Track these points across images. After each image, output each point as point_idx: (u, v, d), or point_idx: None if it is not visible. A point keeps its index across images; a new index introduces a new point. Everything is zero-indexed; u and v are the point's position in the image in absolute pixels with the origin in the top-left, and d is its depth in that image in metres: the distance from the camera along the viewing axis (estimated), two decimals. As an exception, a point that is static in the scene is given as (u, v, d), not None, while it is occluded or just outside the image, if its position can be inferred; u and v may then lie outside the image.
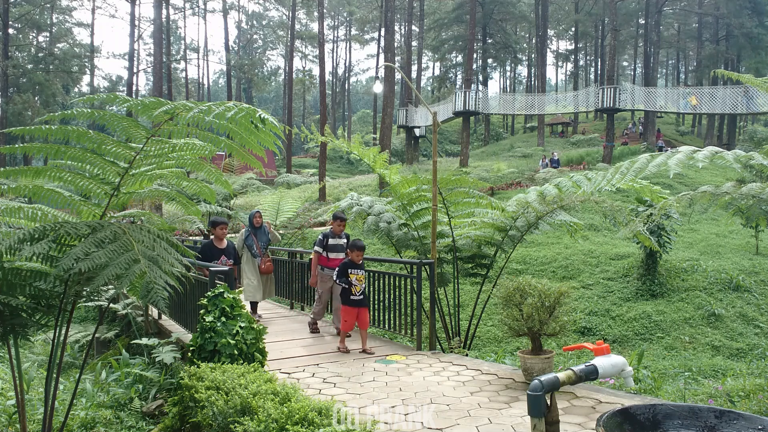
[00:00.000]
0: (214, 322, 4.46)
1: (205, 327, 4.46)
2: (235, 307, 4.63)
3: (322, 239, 6.95)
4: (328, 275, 6.86)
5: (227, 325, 4.47)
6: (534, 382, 2.50)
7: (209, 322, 4.46)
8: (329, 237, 6.96)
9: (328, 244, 6.92)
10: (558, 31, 59.92)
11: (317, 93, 48.67)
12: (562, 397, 4.32)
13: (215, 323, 4.45)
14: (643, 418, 1.80)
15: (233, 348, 4.34)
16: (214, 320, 4.47)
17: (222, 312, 4.55)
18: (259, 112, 3.33)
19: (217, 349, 4.37)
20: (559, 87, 71.18)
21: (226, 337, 4.38)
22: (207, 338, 4.40)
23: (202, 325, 4.49)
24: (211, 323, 4.44)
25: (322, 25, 31.60)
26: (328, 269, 6.91)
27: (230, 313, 4.58)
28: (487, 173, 27.06)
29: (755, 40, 38.21)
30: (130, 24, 37.70)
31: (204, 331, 4.45)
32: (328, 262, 6.93)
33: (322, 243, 6.94)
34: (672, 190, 14.55)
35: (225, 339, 4.36)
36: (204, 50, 66.07)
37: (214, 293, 4.70)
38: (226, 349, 4.33)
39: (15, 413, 4.68)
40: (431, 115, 7.00)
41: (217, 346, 4.35)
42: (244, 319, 4.58)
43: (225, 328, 4.44)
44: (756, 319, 12.12)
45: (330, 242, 6.94)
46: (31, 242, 3.15)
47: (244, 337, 4.47)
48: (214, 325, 4.44)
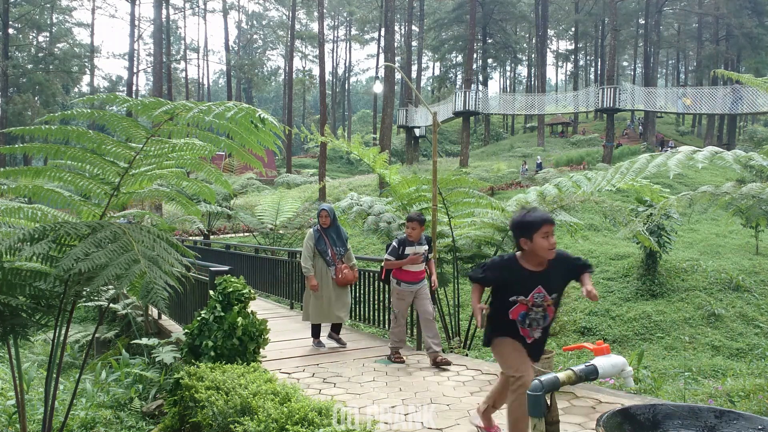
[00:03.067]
0: (216, 329, 4.40)
1: (203, 331, 4.43)
2: (232, 311, 4.50)
3: (398, 246, 5.66)
4: (407, 291, 5.72)
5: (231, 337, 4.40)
6: (534, 382, 2.50)
7: (202, 317, 4.45)
8: (405, 244, 5.65)
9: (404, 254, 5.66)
10: (558, 31, 59.93)
11: (317, 93, 48.66)
12: (562, 397, 4.32)
13: (214, 330, 4.40)
14: (643, 418, 1.80)
15: (211, 350, 4.32)
16: (214, 329, 4.41)
17: (224, 310, 4.47)
18: (258, 112, 3.33)
19: (199, 346, 4.38)
20: (559, 87, 71.17)
21: (225, 349, 4.35)
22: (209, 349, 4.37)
23: (200, 330, 4.45)
24: (210, 331, 4.40)
25: (322, 25, 31.60)
26: (405, 283, 5.72)
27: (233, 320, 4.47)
28: (487, 173, 27.09)
29: (755, 40, 38.23)
30: (130, 24, 37.72)
31: (202, 325, 4.45)
32: (403, 275, 5.74)
33: (396, 251, 5.65)
34: (672, 190, 14.55)
35: (207, 341, 4.35)
36: (204, 50, 66.20)
37: (221, 286, 4.59)
38: (207, 351, 4.32)
39: (15, 413, 4.68)
40: (431, 115, 6.99)
41: (219, 359, 4.33)
42: (227, 323, 4.44)
43: (227, 340, 4.38)
44: (756, 319, 12.12)
45: (407, 250, 5.67)
46: (31, 242, 3.15)
47: (225, 343, 4.39)
48: (211, 332, 4.40)
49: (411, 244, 5.65)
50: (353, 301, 7.44)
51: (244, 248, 14.26)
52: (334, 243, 6.44)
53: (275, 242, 16.94)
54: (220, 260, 11.28)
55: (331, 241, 6.43)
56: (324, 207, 6.55)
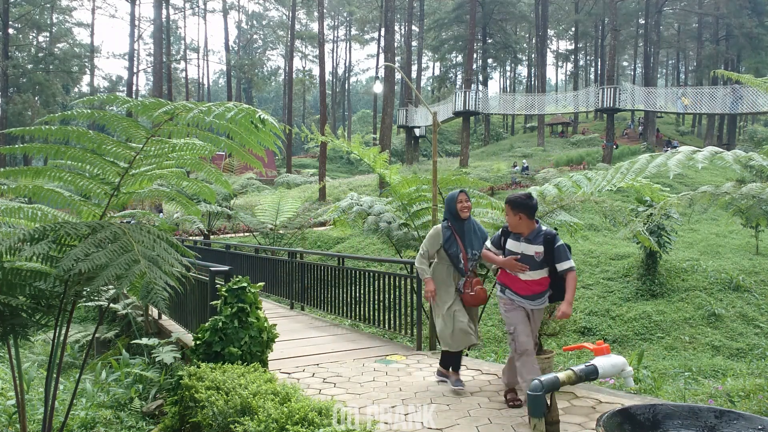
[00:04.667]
0: (227, 323, 4.30)
1: (217, 325, 4.30)
2: (252, 311, 4.44)
3: (500, 235, 4.16)
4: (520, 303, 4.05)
5: (238, 331, 4.29)
6: (534, 382, 2.50)
7: (222, 322, 4.30)
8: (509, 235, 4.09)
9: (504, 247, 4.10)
10: (558, 31, 59.95)
11: (317, 93, 48.69)
12: (562, 397, 4.32)
13: (227, 325, 4.29)
14: (643, 418, 1.81)
15: (237, 358, 4.23)
16: (227, 321, 4.30)
17: (240, 311, 4.37)
18: (259, 113, 3.33)
19: (221, 352, 4.26)
20: (559, 87, 71.17)
21: (234, 344, 4.25)
22: (215, 340, 4.26)
23: (216, 321, 4.32)
24: (224, 324, 4.29)
25: (322, 25, 31.62)
26: (512, 294, 4.07)
27: (245, 318, 4.37)
28: (487, 173, 27.10)
29: (755, 40, 38.25)
30: (130, 24, 37.73)
31: (215, 330, 4.29)
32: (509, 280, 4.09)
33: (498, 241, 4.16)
34: (672, 190, 14.55)
35: (231, 347, 4.23)
36: (204, 50, 66.14)
37: (236, 285, 4.46)
38: (230, 357, 4.23)
39: (15, 413, 4.68)
40: (431, 115, 6.99)
41: (224, 350, 4.25)
42: (255, 329, 4.39)
43: (235, 334, 4.28)
44: (756, 319, 12.12)
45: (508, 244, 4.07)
46: (32, 242, 3.15)
47: (251, 348, 4.32)
48: (226, 327, 4.29)
49: (516, 238, 4.01)
50: (353, 300, 7.43)
51: (244, 248, 14.25)
52: (471, 244, 4.58)
53: (275, 242, 16.95)
54: (220, 260, 11.28)
55: (466, 242, 4.57)
56: (464, 189, 4.73)
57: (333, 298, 7.94)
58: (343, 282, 7.67)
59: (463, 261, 4.55)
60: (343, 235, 19.21)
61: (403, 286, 6.61)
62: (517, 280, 4.04)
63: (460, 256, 4.55)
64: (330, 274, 8.18)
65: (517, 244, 4.00)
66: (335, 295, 7.90)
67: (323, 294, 8.29)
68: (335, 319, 8.23)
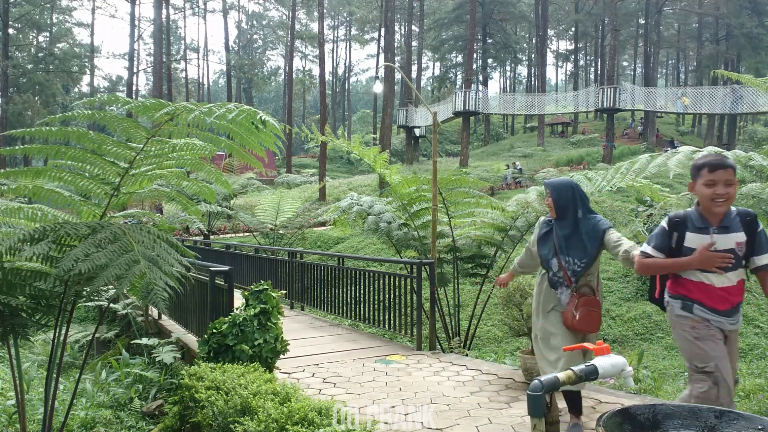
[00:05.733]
0: (247, 320, 4.28)
1: (237, 320, 4.29)
2: (273, 314, 4.43)
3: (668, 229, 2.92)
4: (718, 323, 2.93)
5: (255, 331, 4.28)
6: (534, 382, 2.50)
7: (243, 318, 4.29)
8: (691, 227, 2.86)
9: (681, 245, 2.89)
10: (558, 31, 59.96)
11: (317, 93, 48.67)
12: (562, 397, 4.32)
13: (247, 323, 4.28)
14: (643, 418, 1.80)
15: (247, 358, 4.22)
16: (248, 319, 4.28)
17: (262, 312, 4.37)
18: (259, 114, 3.34)
19: (233, 347, 4.25)
20: (559, 87, 71.16)
21: (247, 343, 4.24)
22: (232, 333, 4.23)
23: (235, 317, 4.31)
24: (243, 320, 4.28)
25: (322, 25, 31.61)
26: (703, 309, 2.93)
27: (265, 321, 4.36)
28: (487, 173, 27.11)
29: (755, 40, 38.25)
30: (130, 24, 37.71)
31: (234, 324, 4.28)
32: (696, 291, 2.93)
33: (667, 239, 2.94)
34: (672, 190, 14.55)
35: (244, 345, 4.22)
36: (204, 50, 66.16)
37: (259, 288, 4.50)
38: (240, 355, 4.22)
39: (15, 413, 4.68)
40: (431, 115, 6.99)
41: (236, 345, 4.23)
42: (272, 334, 4.37)
43: (252, 333, 4.26)
44: (756, 319, 12.12)
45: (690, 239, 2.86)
46: (31, 243, 3.15)
47: (263, 351, 4.30)
48: (244, 325, 4.28)
49: (700, 229, 2.82)
50: (353, 300, 7.42)
51: (245, 248, 14.25)
52: (566, 249, 3.57)
53: (275, 242, 16.95)
54: (220, 260, 11.29)
55: (559, 244, 3.60)
56: (549, 182, 3.74)
57: (333, 298, 7.95)
58: (343, 282, 7.67)
59: (559, 267, 3.59)
60: (343, 235, 19.20)
61: (403, 286, 6.61)
62: (711, 288, 2.83)
63: (553, 260, 3.61)
64: (330, 274, 8.18)
65: (704, 238, 2.78)
66: (335, 295, 7.90)
67: (323, 294, 8.29)
68: (335, 319, 8.23)
